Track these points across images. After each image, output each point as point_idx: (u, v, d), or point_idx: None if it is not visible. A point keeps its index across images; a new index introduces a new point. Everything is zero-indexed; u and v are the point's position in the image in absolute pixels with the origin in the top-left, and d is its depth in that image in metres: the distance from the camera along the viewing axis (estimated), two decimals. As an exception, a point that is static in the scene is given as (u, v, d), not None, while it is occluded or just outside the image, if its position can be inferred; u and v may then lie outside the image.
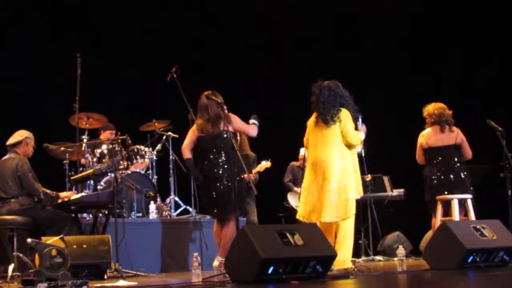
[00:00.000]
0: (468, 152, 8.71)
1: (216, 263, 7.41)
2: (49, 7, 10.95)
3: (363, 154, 8.01)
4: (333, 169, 7.36)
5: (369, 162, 8.58)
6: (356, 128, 7.59)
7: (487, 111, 9.73)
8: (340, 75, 7.79)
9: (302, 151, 10.33)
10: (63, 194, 7.84)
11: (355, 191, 7.42)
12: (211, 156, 7.47)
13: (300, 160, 10.77)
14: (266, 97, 11.63)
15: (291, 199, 10.91)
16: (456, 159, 8.65)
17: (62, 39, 10.68)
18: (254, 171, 9.73)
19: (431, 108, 8.80)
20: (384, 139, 11.24)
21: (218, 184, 7.39)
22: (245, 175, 7.98)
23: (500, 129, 9.02)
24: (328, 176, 7.37)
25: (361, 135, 7.62)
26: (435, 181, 8.66)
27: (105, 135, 9.55)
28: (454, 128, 8.72)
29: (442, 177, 8.63)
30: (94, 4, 11.17)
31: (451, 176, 8.60)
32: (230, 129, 7.45)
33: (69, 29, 10.88)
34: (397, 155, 11.16)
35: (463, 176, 8.63)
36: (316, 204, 7.43)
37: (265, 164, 9.88)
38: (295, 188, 10.76)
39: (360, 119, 7.70)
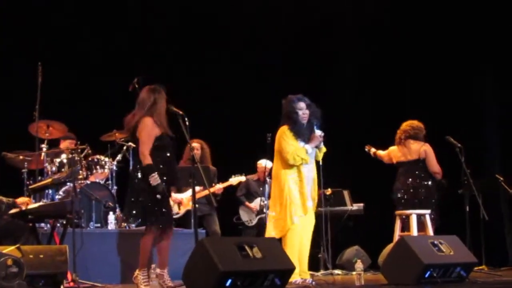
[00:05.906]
0: None
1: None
2: (11, 14, 10.83)
3: (320, 168, 7.95)
4: (275, 187, 7.50)
5: (329, 176, 8.59)
6: (309, 140, 7.48)
7: (446, 128, 9.82)
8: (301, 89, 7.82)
9: (263, 162, 10.30)
10: (19, 200, 7.72)
11: (299, 208, 7.37)
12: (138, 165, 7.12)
13: (259, 172, 10.73)
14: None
15: (243, 214, 10.79)
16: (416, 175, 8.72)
17: (23, 47, 10.56)
18: (225, 184, 9.75)
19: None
20: (345, 153, 11.29)
21: (131, 194, 7.09)
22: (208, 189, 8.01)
23: (459, 145, 9.12)
24: (272, 193, 7.61)
25: (307, 148, 7.41)
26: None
27: (64, 144, 9.45)
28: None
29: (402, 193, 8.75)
30: (56, 11, 11.07)
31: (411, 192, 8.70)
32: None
33: (31, 37, 10.76)
34: (358, 169, 11.21)
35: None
36: None
37: (238, 179, 9.89)
38: (247, 202, 10.72)
39: (315, 127, 7.48)
